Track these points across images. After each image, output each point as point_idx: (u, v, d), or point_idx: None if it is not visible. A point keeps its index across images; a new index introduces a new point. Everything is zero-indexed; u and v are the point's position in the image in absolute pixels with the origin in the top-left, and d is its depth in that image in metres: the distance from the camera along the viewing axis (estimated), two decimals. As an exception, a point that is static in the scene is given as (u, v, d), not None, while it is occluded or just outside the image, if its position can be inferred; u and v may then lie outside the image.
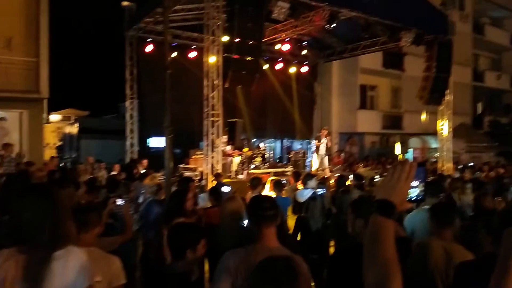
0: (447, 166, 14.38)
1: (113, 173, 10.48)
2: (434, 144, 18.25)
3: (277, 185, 6.97)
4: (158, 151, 12.13)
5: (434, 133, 15.94)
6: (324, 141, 13.20)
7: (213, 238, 3.77)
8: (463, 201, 6.23)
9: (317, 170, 13.05)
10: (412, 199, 1.34)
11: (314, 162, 13.45)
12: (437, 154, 15.32)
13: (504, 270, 1.29)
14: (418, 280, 2.83)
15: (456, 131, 18.04)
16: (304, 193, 6.70)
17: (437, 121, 14.71)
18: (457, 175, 11.40)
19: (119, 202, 4.62)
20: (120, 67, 13.84)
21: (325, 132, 13.43)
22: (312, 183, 7.02)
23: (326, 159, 13.50)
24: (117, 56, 14.38)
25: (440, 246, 2.95)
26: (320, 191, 6.54)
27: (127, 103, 13.62)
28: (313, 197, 5.30)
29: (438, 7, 13.45)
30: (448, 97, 14.18)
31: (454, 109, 15.18)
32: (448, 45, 13.49)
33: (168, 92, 6.14)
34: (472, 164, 15.99)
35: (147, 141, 15.18)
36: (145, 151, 13.91)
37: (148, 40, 13.42)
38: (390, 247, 1.17)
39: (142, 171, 10.42)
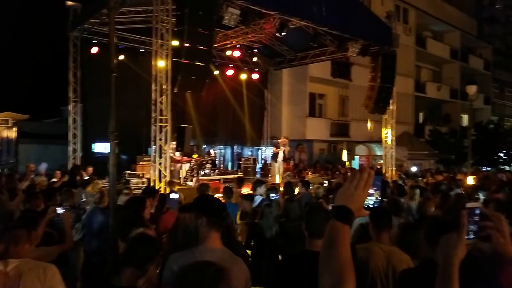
0: (390, 173, 14.99)
1: (54, 179, 9.92)
2: (378, 152, 19.00)
3: (227, 191, 6.90)
4: (103, 156, 11.60)
5: (379, 141, 16.59)
6: (282, 148, 13.41)
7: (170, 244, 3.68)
8: (411, 207, 6.50)
9: (281, 177, 13.28)
10: (370, 206, 1.38)
11: (276, 169, 13.54)
12: (382, 161, 15.93)
13: (447, 278, 1.34)
14: (359, 283, 2.87)
15: (399, 139, 18.91)
16: (254, 200, 6.67)
17: (382, 130, 15.31)
18: (400, 181, 11.94)
19: (59, 210, 4.37)
20: (63, 69, 13.17)
21: (284, 140, 13.66)
22: (262, 189, 7.02)
23: (281, 167, 13.66)
24: (60, 57, 13.69)
25: (379, 249, 3.03)
26: (274, 197, 6.55)
27: (70, 107, 12.96)
28: (269, 204, 5.25)
29: (383, 20, 14.07)
30: (392, 107, 14.80)
31: (398, 118, 15.88)
32: (392, 57, 14.11)
33: (113, 96, 5.84)
34: (415, 171, 16.85)
35: (92, 147, 14.52)
36: (89, 156, 13.29)
37: (93, 41, 12.88)
38: (346, 251, 1.20)
39: (86, 178, 9.98)
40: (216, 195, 7.58)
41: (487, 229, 1.37)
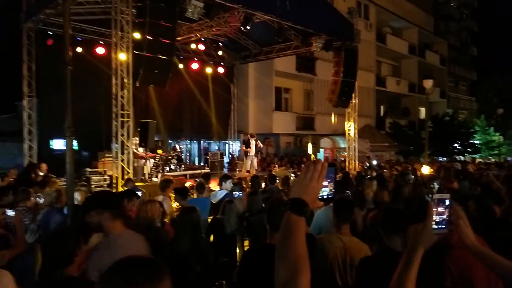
0: (353, 164, 15.38)
1: (10, 179, 9.44)
2: (342, 144, 19.43)
3: (199, 186, 6.83)
4: (62, 153, 11.17)
5: (342, 134, 16.95)
6: (253, 142, 13.30)
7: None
8: (369, 197, 6.67)
9: (247, 171, 13.10)
10: (324, 197, 1.37)
11: (246, 164, 13.45)
12: (345, 153, 16.30)
13: (408, 265, 1.38)
14: (318, 272, 2.93)
15: (362, 132, 19.45)
16: (217, 194, 6.66)
17: (345, 123, 15.64)
18: (363, 173, 12.27)
19: (10, 213, 4.15)
20: (17, 63, 12.49)
21: (253, 138, 13.56)
22: (228, 185, 7.00)
23: (255, 161, 13.59)
24: (14, 50, 12.96)
25: (338, 239, 3.11)
26: (237, 194, 6.53)
27: (25, 102, 12.33)
28: (230, 199, 5.24)
29: (345, 16, 14.31)
30: (354, 101, 15.15)
31: (360, 112, 16.29)
32: (354, 52, 14.40)
33: (69, 90, 5.62)
34: (375, 163, 17.35)
35: (50, 143, 13.93)
36: (47, 153, 12.73)
37: (49, 33, 12.30)
38: (301, 244, 1.20)
39: (41, 174, 9.58)
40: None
41: (455, 221, 1.43)
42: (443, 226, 1.42)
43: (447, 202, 1.44)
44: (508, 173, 9.58)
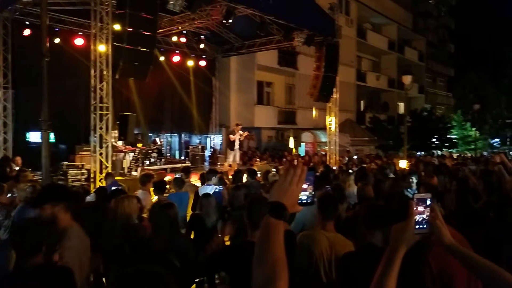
0: (334, 158, 15.55)
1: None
2: (323, 138, 19.61)
3: (177, 182, 6.77)
4: (38, 146, 10.89)
5: (323, 128, 17.10)
6: (237, 136, 12.97)
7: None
8: (350, 191, 6.74)
9: (229, 165, 12.88)
10: (303, 202, 1.39)
11: (229, 157, 13.15)
12: (326, 148, 16.46)
13: (389, 264, 1.40)
14: (303, 270, 2.95)
15: (342, 126, 19.66)
16: (207, 190, 6.59)
17: (326, 117, 15.77)
18: (344, 167, 12.43)
19: (-18, 209, 4.03)
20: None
21: (239, 127, 13.17)
22: (215, 180, 6.97)
23: (238, 155, 13.34)
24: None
25: (324, 236, 3.12)
26: (217, 189, 6.52)
27: (0, 93, 11.95)
28: (207, 193, 5.23)
29: (326, 11, 14.38)
30: (335, 95, 15.28)
31: (341, 106, 16.46)
32: (335, 47, 14.52)
33: (46, 82, 5.49)
34: (356, 157, 17.61)
35: (26, 136, 13.56)
36: (22, 146, 12.39)
37: (25, 23, 11.92)
38: (280, 247, 1.21)
39: (16, 169, 9.33)
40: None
41: (433, 221, 1.45)
42: (424, 226, 1.43)
43: (428, 202, 1.45)
44: (484, 168, 9.86)
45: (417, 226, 1.43)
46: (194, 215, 5.13)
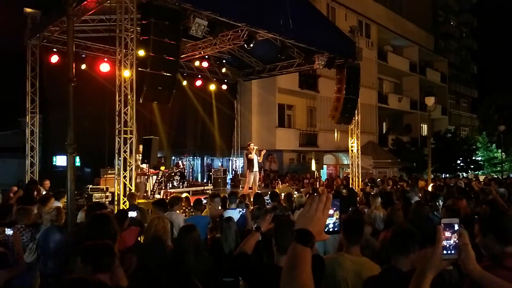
0: (357, 181, 15.27)
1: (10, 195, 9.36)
2: (346, 161, 19.34)
3: (197, 204, 6.72)
4: (64, 170, 11.10)
5: (345, 150, 16.88)
6: (255, 157, 12.38)
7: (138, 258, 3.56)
8: (376, 215, 6.54)
9: (250, 187, 12.38)
10: (330, 230, 1.40)
11: (250, 179, 12.48)
12: (349, 170, 16.20)
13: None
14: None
15: (365, 148, 19.40)
16: (232, 213, 6.48)
17: (348, 139, 15.60)
18: (368, 189, 12.13)
19: (8, 231, 4.07)
20: (21, 79, 12.58)
21: (251, 146, 12.54)
22: (236, 202, 6.88)
23: (257, 177, 12.76)
24: (18, 66, 13.08)
25: (348, 260, 3.05)
26: (241, 211, 6.42)
27: (28, 118, 12.36)
28: (228, 218, 5.14)
29: (347, 34, 14.44)
30: (357, 117, 15.14)
31: (362, 128, 16.27)
32: (356, 69, 14.47)
33: (71, 106, 5.62)
34: (379, 179, 17.23)
35: (53, 159, 13.89)
36: (49, 170, 12.69)
37: (53, 50, 12.41)
38: (307, 275, 1.21)
39: (44, 193, 9.49)
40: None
41: (461, 246, 1.44)
42: (452, 252, 1.42)
43: (456, 227, 1.43)
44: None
45: (445, 252, 1.41)
46: (213, 240, 5.05)
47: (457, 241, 1.42)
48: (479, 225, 2.42)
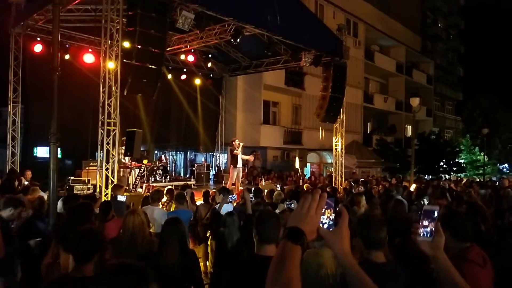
0: (340, 180, 15.41)
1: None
2: (329, 159, 19.49)
3: (179, 197, 6.71)
4: (45, 161, 10.93)
5: (330, 149, 17.01)
6: (240, 150, 12.21)
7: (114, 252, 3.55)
8: (362, 212, 6.65)
9: (233, 184, 12.20)
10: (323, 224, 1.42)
11: (233, 175, 12.34)
12: (332, 169, 16.33)
13: (449, 271, 1.65)
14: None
15: (349, 148, 19.56)
16: (229, 207, 6.49)
17: (332, 138, 15.72)
18: (348, 188, 12.27)
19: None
20: (3, 67, 12.31)
21: (236, 142, 12.33)
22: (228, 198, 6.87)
23: (241, 173, 12.68)
24: (0, 55, 12.78)
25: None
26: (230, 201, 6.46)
27: (10, 108, 12.12)
28: (230, 212, 5.15)
29: (334, 33, 14.51)
30: (342, 116, 15.25)
31: (347, 128, 16.41)
32: (343, 68, 14.56)
33: (55, 95, 5.54)
34: (363, 179, 17.42)
35: (34, 150, 13.67)
36: (30, 161, 12.49)
37: (37, 39, 12.19)
38: (295, 268, 1.23)
39: (26, 183, 9.37)
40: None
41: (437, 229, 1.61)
42: (429, 235, 1.58)
43: (436, 213, 1.59)
44: (496, 194, 9.77)
45: (423, 234, 1.58)
46: (218, 233, 5.02)
47: (433, 228, 1.58)
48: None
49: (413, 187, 13.31)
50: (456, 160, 30.45)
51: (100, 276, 1.26)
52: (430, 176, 26.02)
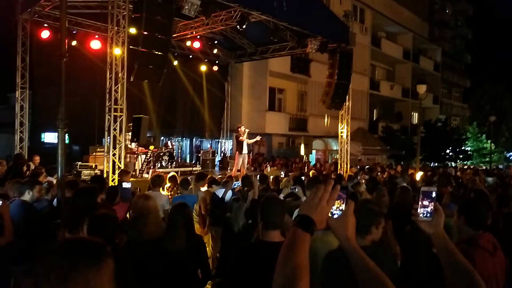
0: (345, 167, 15.46)
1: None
2: (335, 146, 19.51)
3: (184, 182, 6.80)
4: (53, 147, 11.07)
5: (335, 136, 17.01)
6: (245, 136, 12.11)
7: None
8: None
9: (238, 170, 12.14)
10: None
11: (238, 161, 12.26)
12: (337, 156, 16.36)
13: (451, 247, 1.67)
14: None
15: (354, 135, 19.54)
16: (223, 193, 6.56)
17: (338, 125, 15.71)
18: (353, 176, 12.29)
19: (-4, 202, 4.12)
20: (11, 54, 12.38)
21: (242, 129, 12.21)
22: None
23: (246, 159, 12.63)
24: (8, 41, 12.84)
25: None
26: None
27: (18, 94, 12.23)
28: (236, 198, 5.21)
29: (341, 19, 14.38)
30: (348, 103, 15.20)
31: (353, 114, 16.37)
32: (349, 55, 14.46)
33: (63, 81, 5.59)
34: (368, 166, 17.45)
35: (42, 136, 13.84)
36: (38, 146, 12.65)
37: (44, 25, 12.22)
38: (304, 254, 1.26)
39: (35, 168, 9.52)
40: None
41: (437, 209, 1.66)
42: (428, 215, 1.63)
43: (433, 194, 1.64)
44: (502, 182, 9.79)
45: (423, 215, 1.63)
46: (226, 219, 5.10)
47: (433, 208, 1.63)
48: (458, 206, 2.77)
49: (419, 174, 13.34)
50: (463, 147, 30.31)
51: (50, 251, 1.16)
52: (436, 164, 25.97)
